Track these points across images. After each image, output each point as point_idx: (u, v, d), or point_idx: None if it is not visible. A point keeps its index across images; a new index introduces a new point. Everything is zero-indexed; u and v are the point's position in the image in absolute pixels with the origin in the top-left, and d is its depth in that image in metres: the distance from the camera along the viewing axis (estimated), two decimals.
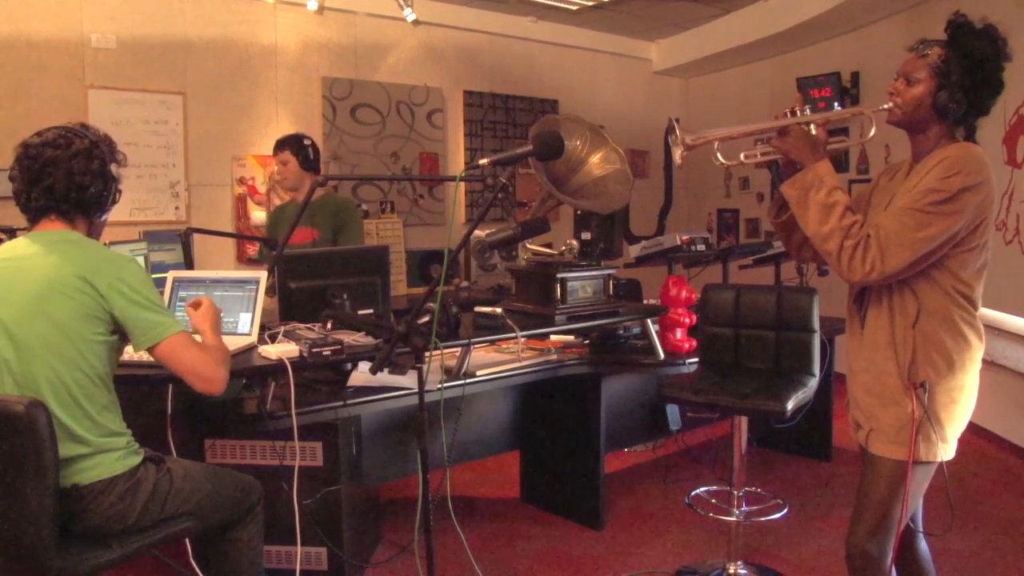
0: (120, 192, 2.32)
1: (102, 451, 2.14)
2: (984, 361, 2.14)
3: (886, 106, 2.10)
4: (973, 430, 5.10)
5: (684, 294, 3.77)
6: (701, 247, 4.34)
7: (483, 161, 2.27)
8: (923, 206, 1.97)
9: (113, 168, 2.27)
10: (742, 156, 2.27)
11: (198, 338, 2.32)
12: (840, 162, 6.49)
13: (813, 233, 2.07)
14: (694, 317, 3.77)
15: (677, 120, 2.19)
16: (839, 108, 2.27)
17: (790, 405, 2.88)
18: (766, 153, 2.23)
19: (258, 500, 2.46)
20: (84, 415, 2.11)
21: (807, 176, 2.09)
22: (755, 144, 2.26)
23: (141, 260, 3.82)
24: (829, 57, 6.79)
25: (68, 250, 2.15)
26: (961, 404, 2.10)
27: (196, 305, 2.44)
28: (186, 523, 2.27)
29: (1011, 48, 2.04)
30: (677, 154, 2.16)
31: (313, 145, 4.28)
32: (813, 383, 3.20)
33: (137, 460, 2.21)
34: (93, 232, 2.26)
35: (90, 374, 2.11)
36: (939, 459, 2.09)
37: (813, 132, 2.12)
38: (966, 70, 2.00)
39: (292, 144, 4.23)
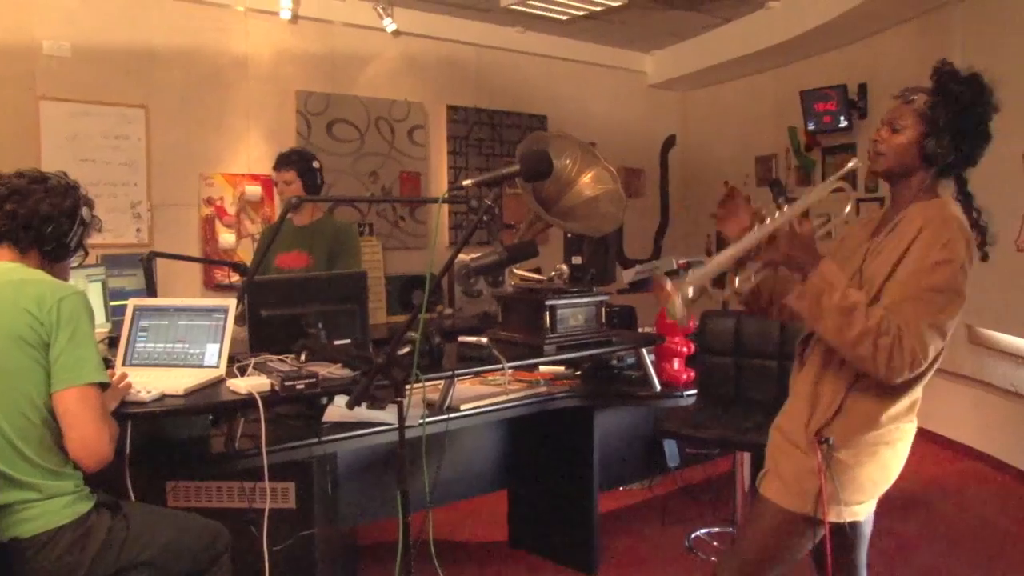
0: (86, 241, 2.37)
1: (47, 497, 2.10)
2: (982, 383, 2.17)
3: (850, 165, 2.17)
4: (972, 455, 5.29)
5: None
6: None
7: (467, 182, 2.29)
8: (933, 285, 1.97)
9: (85, 212, 2.31)
10: (736, 283, 2.20)
11: None
12: (848, 180, 6.55)
13: (838, 342, 1.99)
14: (692, 346, 3.79)
15: (673, 272, 2.10)
16: (813, 189, 2.25)
17: None
18: (759, 270, 2.19)
19: (225, 548, 2.44)
20: (20, 457, 2.08)
21: (813, 283, 2.02)
22: (746, 265, 2.20)
23: (99, 286, 3.80)
24: (835, 68, 6.87)
25: (8, 280, 2.15)
26: (869, 471, 2.12)
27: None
28: (145, 574, 2.25)
29: (997, 99, 2.09)
30: (678, 308, 2.04)
31: (321, 169, 4.25)
32: None
33: (88, 506, 2.18)
34: (52, 275, 2.27)
35: (26, 411, 2.09)
36: (829, 519, 2.09)
37: (798, 229, 2.07)
38: (954, 116, 2.05)
39: (298, 165, 4.17)
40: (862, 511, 2.17)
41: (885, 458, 2.13)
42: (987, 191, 4.90)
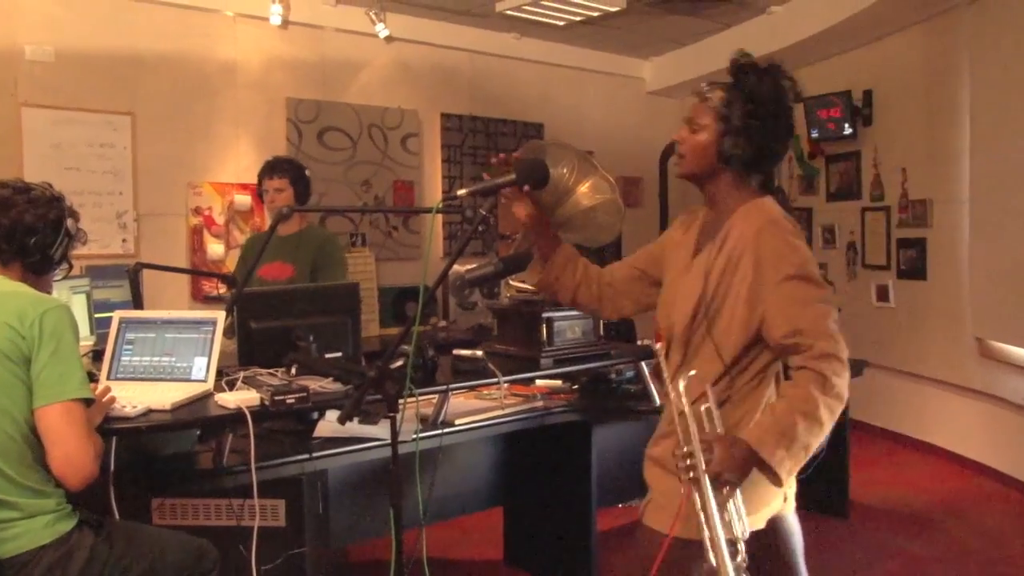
0: (71, 253, 2.37)
1: (27, 516, 2.10)
2: (993, 397, 2.13)
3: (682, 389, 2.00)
4: (982, 472, 5.31)
5: None
6: None
7: (461, 191, 2.29)
8: (814, 288, 1.98)
9: (70, 224, 2.31)
10: (740, 532, 1.96)
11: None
12: (853, 188, 6.59)
13: (829, 427, 1.94)
14: None
15: None
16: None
17: None
18: (731, 492, 1.98)
19: (213, 566, 2.44)
20: (1, 475, 2.08)
21: (772, 455, 1.90)
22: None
23: (83, 298, 3.79)
24: (839, 74, 6.87)
25: None
26: (746, 484, 2.01)
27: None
28: None
29: (801, 88, 2.08)
30: None
31: (310, 179, 4.26)
32: None
33: (70, 525, 2.18)
34: (35, 288, 2.27)
35: (6, 428, 2.09)
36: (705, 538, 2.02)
37: (714, 452, 1.91)
38: (749, 113, 2.03)
39: (292, 172, 4.16)
40: (755, 521, 2.08)
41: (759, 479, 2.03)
42: (995, 197, 4.91)
